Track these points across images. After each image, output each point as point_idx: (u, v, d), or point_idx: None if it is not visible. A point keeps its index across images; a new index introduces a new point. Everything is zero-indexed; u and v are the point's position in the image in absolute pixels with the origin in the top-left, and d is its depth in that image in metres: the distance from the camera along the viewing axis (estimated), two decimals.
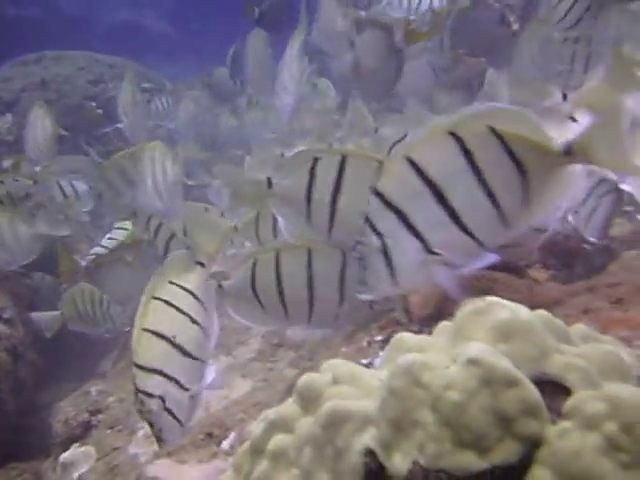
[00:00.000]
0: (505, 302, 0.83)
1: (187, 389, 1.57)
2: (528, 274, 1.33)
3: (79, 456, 2.34)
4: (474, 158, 1.16)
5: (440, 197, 1.16)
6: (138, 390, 1.53)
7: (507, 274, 1.23)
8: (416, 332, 1.19)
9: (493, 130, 1.17)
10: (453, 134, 1.18)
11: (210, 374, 1.58)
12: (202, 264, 1.65)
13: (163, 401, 1.53)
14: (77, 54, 6.70)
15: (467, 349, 0.76)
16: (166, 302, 1.61)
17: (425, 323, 1.14)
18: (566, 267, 1.37)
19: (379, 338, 1.26)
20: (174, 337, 1.59)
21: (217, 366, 2.42)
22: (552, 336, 0.82)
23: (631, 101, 1.21)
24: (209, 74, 5.97)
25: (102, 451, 2.31)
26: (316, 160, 1.56)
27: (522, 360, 0.78)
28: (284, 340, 2.40)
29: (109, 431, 2.46)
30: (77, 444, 2.46)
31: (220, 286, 1.67)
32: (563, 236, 1.39)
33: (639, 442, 0.68)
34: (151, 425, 1.50)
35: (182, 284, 1.62)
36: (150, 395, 1.53)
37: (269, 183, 1.62)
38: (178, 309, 1.62)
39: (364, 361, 1.12)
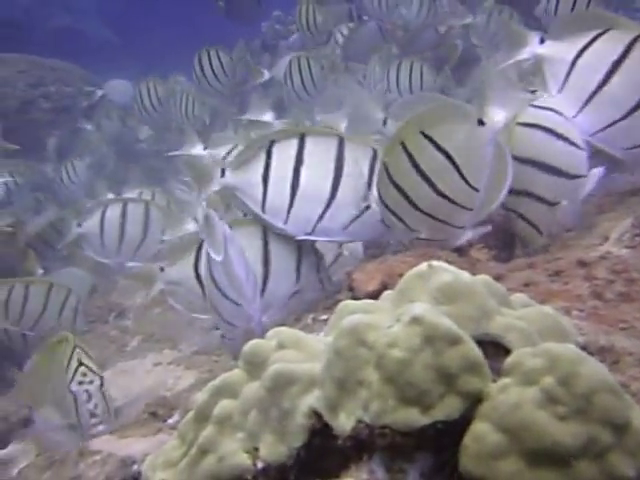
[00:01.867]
0: (448, 266, 0.84)
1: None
2: (470, 254, 1.36)
3: (18, 452, 2.28)
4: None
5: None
6: (82, 363, 1.59)
7: (450, 252, 1.26)
8: None
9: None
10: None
11: None
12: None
13: (102, 382, 1.58)
14: (16, 57, 6.54)
15: (410, 308, 0.77)
16: None
17: (369, 299, 1.15)
18: (507, 248, 1.40)
19: (324, 317, 1.27)
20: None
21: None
22: (493, 299, 0.84)
23: None
24: None
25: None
26: (272, 142, 1.56)
27: (464, 320, 0.80)
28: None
29: None
30: (16, 440, 2.41)
31: (162, 269, 1.65)
32: (504, 218, 1.43)
33: (575, 394, 0.70)
34: (88, 398, 1.54)
35: None
36: (93, 371, 1.57)
37: (222, 173, 1.60)
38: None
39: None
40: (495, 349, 0.80)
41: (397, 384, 0.74)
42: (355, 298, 1.22)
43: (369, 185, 1.50)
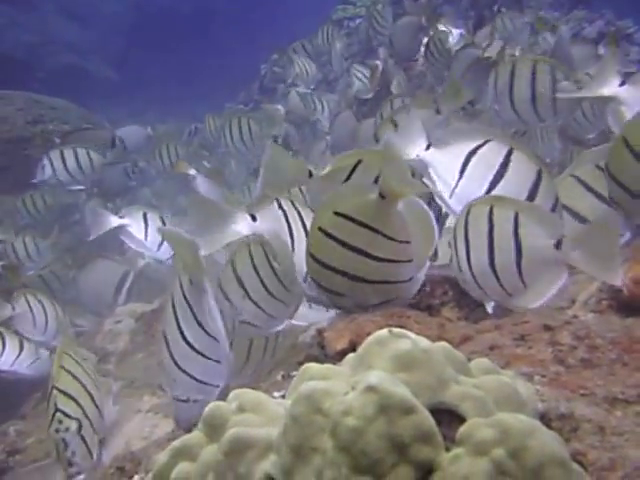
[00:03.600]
0: (407, 333, 0.86)
1: (97, 432, 1.62)
2: (441, 313, 1.37)
3: None
4: None
5: None
6: (58, 409, 1.56)
7: (419, 311, 1.27)
8: None
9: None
10: None
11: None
12: None
13: (80, 426, 1.55)
14: (16, 94, 6.67)
15: (366, 377, 0.78)
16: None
17: (338, 357, 1.16)
18: (480, 305, 1.41)
19: (294, 373, 1.27)
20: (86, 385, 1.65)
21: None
22: (451, 367, 0.85)
23: None
24: None
25: None
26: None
27: (420, 389, 0.81)
28: None
29: None
30: None
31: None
32: None
33: (524, 467, 0.71)
34: (65, 446, 1.51)
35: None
36: (69, 416, 1.55)
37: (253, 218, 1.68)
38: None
39: (277, 394, 1.13)
40: (450, 417, 0.81)
41: (350, 452, 0.75)
42: (325, 356, 1.23)
43: None
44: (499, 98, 2.82)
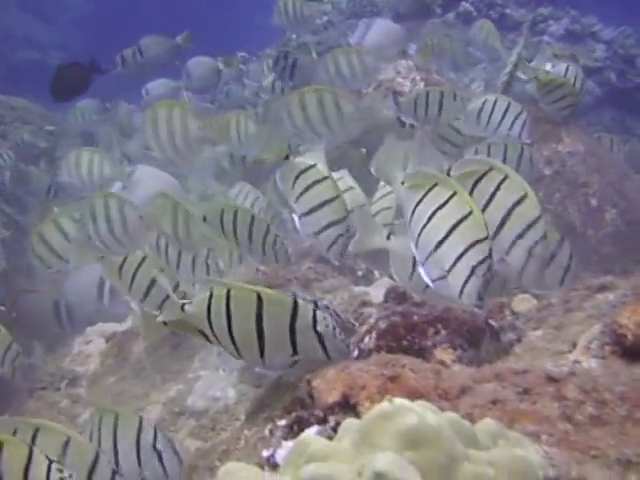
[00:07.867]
0: (412, 405, 0.79)
1: None
2: (435, 355, 1.31)
3: None
4: None
5: None
6: None
7: (414, 358, 1.20)
8: (320, 419, 1.14)
9: None
10: None
11: None
12: None
13: None
14: None
15: (373, 461, 0.71)
16: None
17: (330, 411, 1.09)
18: (472, 346, 1.35)
19: (282, 423, 1.20)
20: None
21: None
22: (460, 441, 0.79)
23: None
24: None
25: None
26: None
27: (431, 469, 0.74)
28: (185, 408, 2.30)
29: None
30: None
31: (183, 308, 1.61)
32: (470, 314, 1.38)
33: None
34: None
35: None
36: None
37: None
38: None
39: (265, 453, 1.06)
40: None
41: None
42: (314, 408, 1.16)
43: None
44: None
